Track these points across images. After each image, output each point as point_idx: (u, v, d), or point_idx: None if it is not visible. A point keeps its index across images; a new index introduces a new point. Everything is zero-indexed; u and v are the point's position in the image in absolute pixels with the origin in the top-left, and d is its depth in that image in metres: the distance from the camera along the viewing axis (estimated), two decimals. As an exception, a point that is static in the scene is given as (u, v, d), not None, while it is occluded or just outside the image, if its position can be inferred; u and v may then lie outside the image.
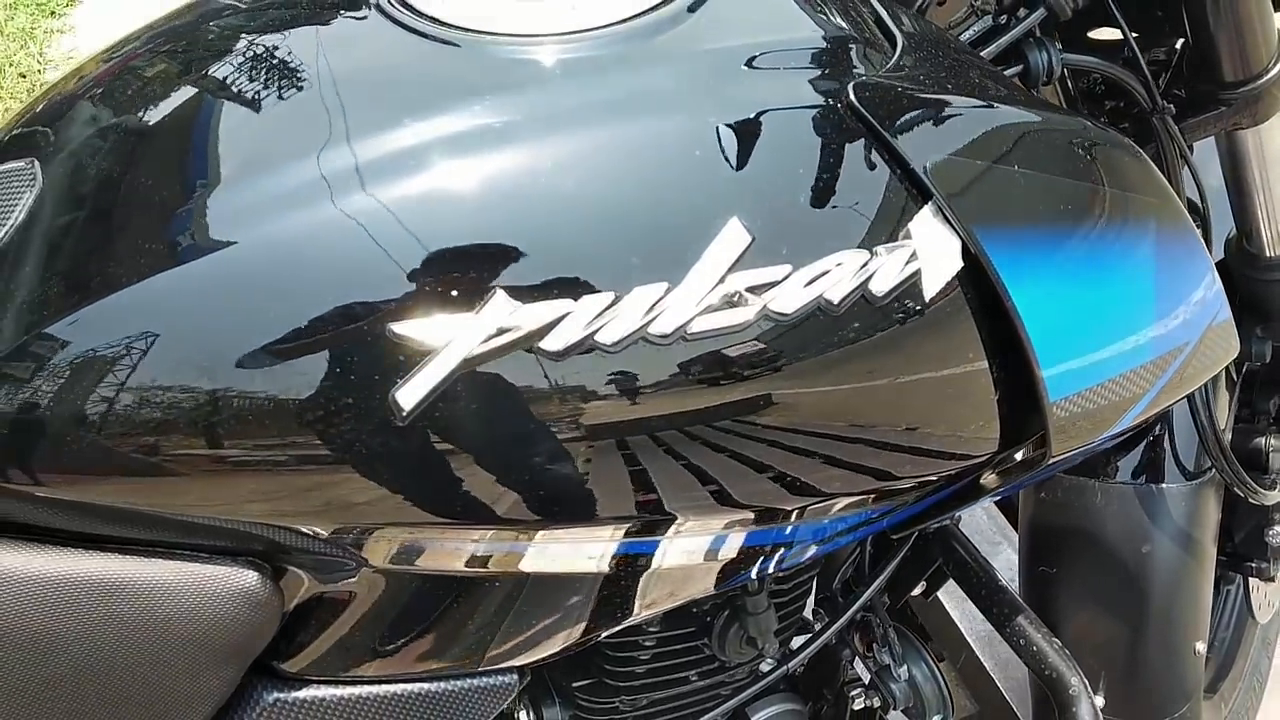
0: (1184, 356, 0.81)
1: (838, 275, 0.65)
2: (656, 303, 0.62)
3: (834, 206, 0.67)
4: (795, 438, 0.68)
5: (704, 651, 0.92)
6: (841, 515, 0.76)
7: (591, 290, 0.62)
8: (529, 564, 0.68)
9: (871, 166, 0.68)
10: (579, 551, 0.69)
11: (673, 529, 0.69)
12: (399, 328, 0.60)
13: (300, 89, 0.72)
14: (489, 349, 0.61)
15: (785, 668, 0.96)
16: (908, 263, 0.67)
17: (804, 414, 0.68)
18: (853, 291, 0.66)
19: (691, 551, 0.72)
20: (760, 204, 0.65)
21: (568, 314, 0.61)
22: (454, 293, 0.61)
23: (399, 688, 0.72)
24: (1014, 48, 0.88)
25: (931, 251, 0.68)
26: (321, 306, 0.61)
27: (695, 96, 0.69)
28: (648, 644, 0.89)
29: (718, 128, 0.66)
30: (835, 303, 0.65)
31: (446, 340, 0.60)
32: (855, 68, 0.74)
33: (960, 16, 0.90)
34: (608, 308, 0.62)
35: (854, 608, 0.98)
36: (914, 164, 0.68)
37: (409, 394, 0.60)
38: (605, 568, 0.70)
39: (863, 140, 0.69)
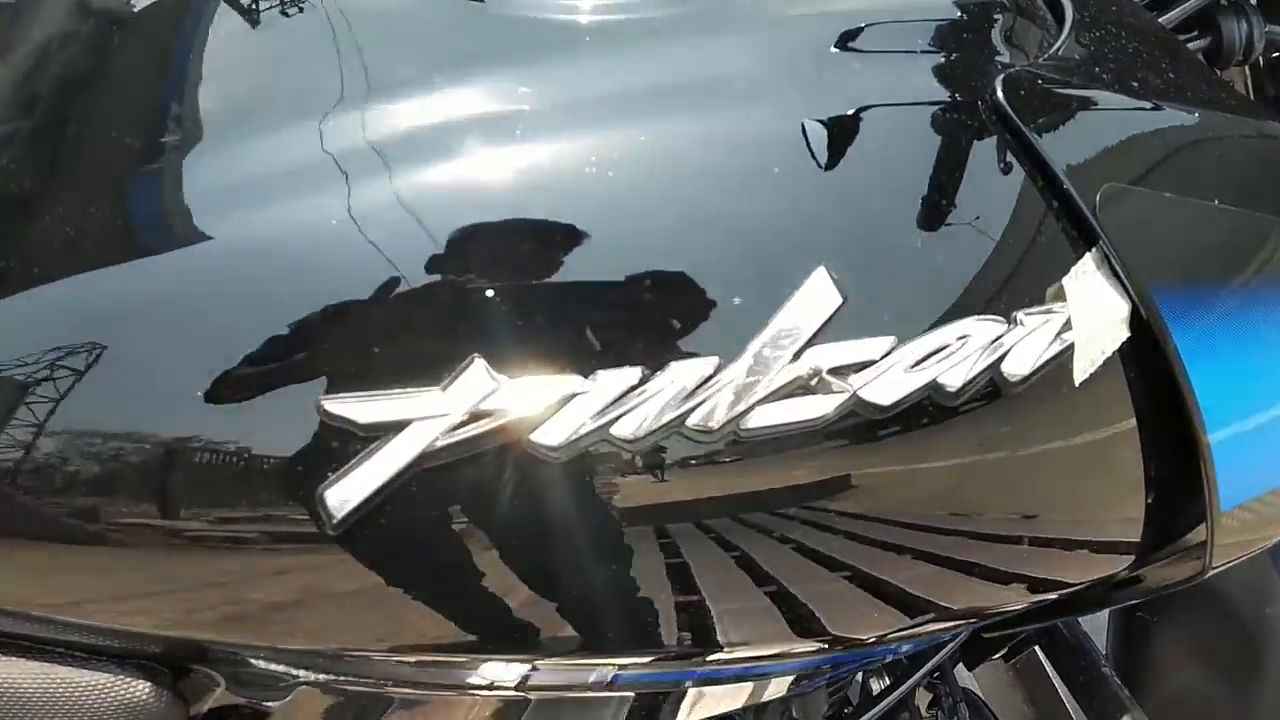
0: None
1: (960, 353, 0.47)
2: (702, 385, 0.44)
3: (960, 253, 0.48)
4: (880, 560, 0.50)
5: (740, 725, 0.76)
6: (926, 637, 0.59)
7: (610, 363, 0.44)
8: (521, 690, 0.52)
9: (1019, 196, 0.49)
10: (579, 678, 0.53)
11: (706, 657, 0.53)
12: (332, 405, 0.43)
13: (294, 33, 0.58)
14: (457, 440, 0.43)
15: None
16: (1059, 334, 0.49)
17: (893, 532, 0.50)
18: (979, 375, 0.47)
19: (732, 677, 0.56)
20: (857, 247, 0.47)
21: (574, 396, 0.44)
22: (415, 356, 0.43)
23: None
24: (1203, 14, 0.67)
25: (1092, 317, 0.49)
26: (241, 355, 0.44)
27: (774, 87, 0.50)
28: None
29: (803, 132, 0.47)
30: (953, 390, 0.47)
31: (399, 423, 0.43)
32: (1000, 53, 0.54)
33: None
34: (632, 389, 0.44)
35: (920, 673, 0.82)
36: (1079, 196, 0.49)
37: (341, 494, 0.44)
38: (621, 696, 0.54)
39: (1009, 157, 0.50)
